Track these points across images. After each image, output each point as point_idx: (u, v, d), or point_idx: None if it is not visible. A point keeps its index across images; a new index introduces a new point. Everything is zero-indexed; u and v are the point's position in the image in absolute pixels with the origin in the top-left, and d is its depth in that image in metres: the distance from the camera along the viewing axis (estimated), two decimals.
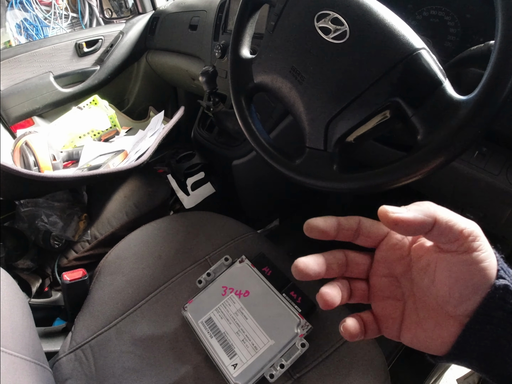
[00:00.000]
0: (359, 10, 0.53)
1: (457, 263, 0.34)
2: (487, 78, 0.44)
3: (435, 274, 0.36)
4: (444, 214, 0.34)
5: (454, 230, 0.34)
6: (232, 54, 0.73)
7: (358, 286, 0.42)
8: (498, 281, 0.33)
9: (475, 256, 0.33)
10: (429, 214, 0.34)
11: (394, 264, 0.41)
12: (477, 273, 0.33)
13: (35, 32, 3.54)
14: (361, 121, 0.54)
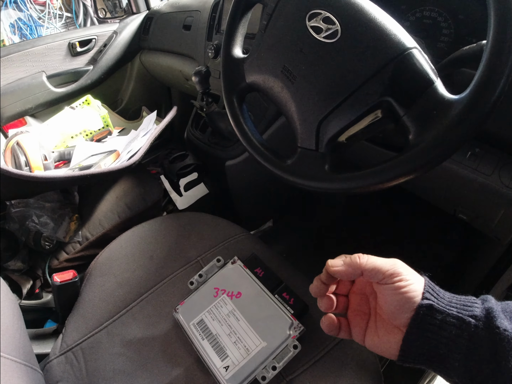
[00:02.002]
0: (351, 9, 0.53)
1: (388, 291, 0.47)
2: (478, 78, 0.44)
3: (379, 297, 0.50)
4: (369, 263, 0.49)
5: (379, 274, 0.48)
6: (224, 53, 0.72)
7: (340, 300, 0.55)
8: (423, 301, 0.45)
9: (398, 286, 0.46)
10: (356, 267, 0.49)
11: (365, 286, 0.54)
12: (403, 298, 0.46)
13: (29, 32, 3.53)
14: (352, 120, 0.53)
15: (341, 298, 0.55)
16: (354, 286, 0.56)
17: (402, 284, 0.46)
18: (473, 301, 0.46)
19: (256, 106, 1.11)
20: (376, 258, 0.50)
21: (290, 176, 0.61)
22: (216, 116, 1.18)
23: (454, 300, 0.46)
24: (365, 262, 0.49)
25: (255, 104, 1.11)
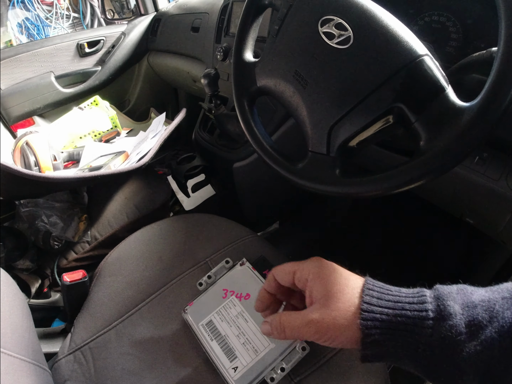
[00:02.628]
0: (363, 16, 0.54)
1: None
2: (490, 85, 0.44)
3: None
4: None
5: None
6: (235, 57, 0.73)
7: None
8: (362, 322, 0.43)
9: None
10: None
11: None
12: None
13: (36, 32, 3.54)
14: (364, 126, 0.54)
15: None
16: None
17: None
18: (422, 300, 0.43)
19: (264, 109, 1.12)
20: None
21: (301, 179, 0.61)
22: (225, 118, 1.19)
23: (399, 302, 0.44)
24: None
25: (263, 107, 1.12)
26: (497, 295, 0.40)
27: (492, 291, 0.41)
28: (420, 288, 0.45)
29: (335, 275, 0.49)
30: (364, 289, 0.46)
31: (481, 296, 0.41)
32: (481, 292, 0.41)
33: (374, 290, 0.46)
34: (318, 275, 0.50)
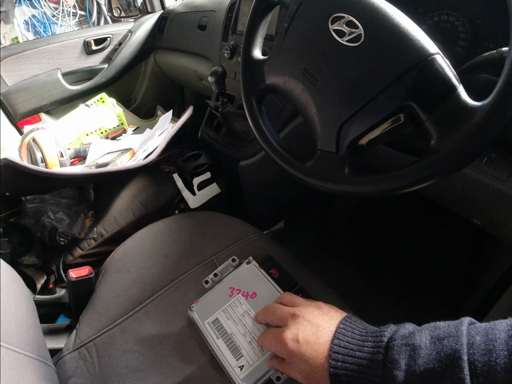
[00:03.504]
0: (374, 14, 0.53)
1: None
2: (501, 85, 0.44)
3: None
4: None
5: None
6: (244, 55, 0.73)
7: None
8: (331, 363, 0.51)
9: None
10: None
11: None
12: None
13: (43, 29, 3.56)
14: (374, 124, 0.53)
15: None
16: None
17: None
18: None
19: (271, 107, 1.11)
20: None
21: (309, 178, 0.61)
22: (231, 116, 1.19)
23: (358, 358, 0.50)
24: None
25: (270, 105, 1.11)
26: (439, 363, 0.42)
27: (437, 355, 0.43)
28: (379, 345, 0.49)
29: (306, 345, 0.55)
30: (330, 353, 0.52)
31: (424, 364, 0.43)
32: (427, 356, 0.43)
33: (339, 352, 0.51)
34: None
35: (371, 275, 1.44)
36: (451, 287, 1.38)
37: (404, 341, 0.46)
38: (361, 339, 0.52)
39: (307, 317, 0.58)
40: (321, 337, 0.54)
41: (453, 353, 0.41)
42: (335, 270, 1.47)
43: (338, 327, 0.55)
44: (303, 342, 0.55)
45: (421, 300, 1.35)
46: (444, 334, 0.44)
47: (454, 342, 0.42)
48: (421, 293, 1.37)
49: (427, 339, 0.45)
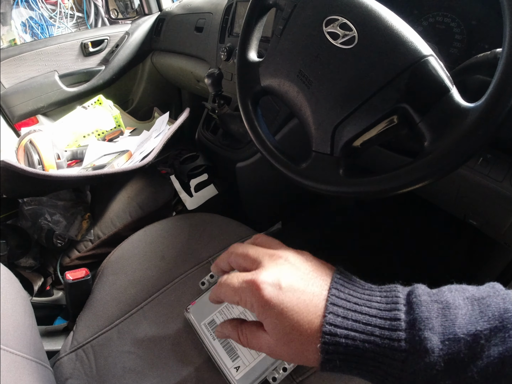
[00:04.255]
0: (368, 16, 0.54)
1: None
2: (494, 86, 0.44)
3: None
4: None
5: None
6: (239, 57, 0.73)
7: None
8: (323, 346, 0.37)
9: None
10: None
11: None
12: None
13: (40, 31, 3.55)
14: (368, 126, 0.54)
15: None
16: None
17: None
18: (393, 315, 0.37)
19: (267, 109, 1.12)
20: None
21: (304, 179, 0.61)
22: (228, 118, 1.19)
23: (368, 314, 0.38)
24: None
25: (266, 107, 1.12)
26: (486, 324, 0.34)
27: (481, 315, 0.34)
28: (394, 301, 0.38)
29: (292, 293, 0.41)
30: (327, 304, 0.39)
31: (466, 326, 0.34)
32: (467, 317, 0.35)
33: (339, 305, 0.39)
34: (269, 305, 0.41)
35: (367, 276, 1.43)
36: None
37: (433, 298, 0.37)
38: (366, 292, 0.41)
39: (292, 259, 0.45)
40: (311, 285, 0.42)
41: (502, 313, 0.33)
42: None
43: (334, 276, 0.43)
44: (287, 288, 0.41)
45: None
46: (482, 295, 0.36)
47: (500, 300, 0.35)
48: None
49: (460, 299, 0.36)
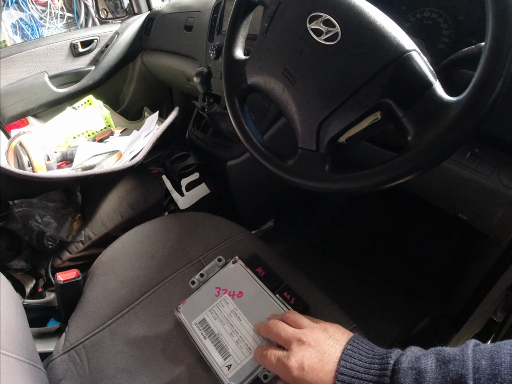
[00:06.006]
0: (351, 12, 0.54)
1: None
2: (476, 80, 0.44)
3: None
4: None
5: None
6: (225, 55, 0.73)
7: None
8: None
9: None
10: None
11: None
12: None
13: (31, 32, 3.53)
14: (352, 122, 0.54)
15: None
16: None
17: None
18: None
19: (257, 106, 1.12)
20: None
21: (291, 176, 0.61)
22: (218, 117, 1.19)
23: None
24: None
25: (256, 105, 1.12)
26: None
27: (443, 379, 0.43)
28: (385, 367, 0.49)
29: (311, 372, 0.54)
30: (336, 374, 0.51)
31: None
32: (433, 380, 0.43)
33: (346, 374, 0.51)
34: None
35: (359, 273, 1.44)
36: (441, 282, 1.38)
37: (410, 365, 0.46)
38: (368, 361, 0.52)
39: (313, 343, 0.57)
40: (326, 364, 0.54)
41: (459, 378, 0.41)
42: (324, 267, 1.48)
43: (345, 348, 0.55)
44: (308, 370, 0.54)
45: (411, 295, 1.36)
46: (450, 358, 0.44)
47: (460, 366, 0.42)
48: (412, 288, 1.38)
49: (433, 362, 0.45)
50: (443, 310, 1.30)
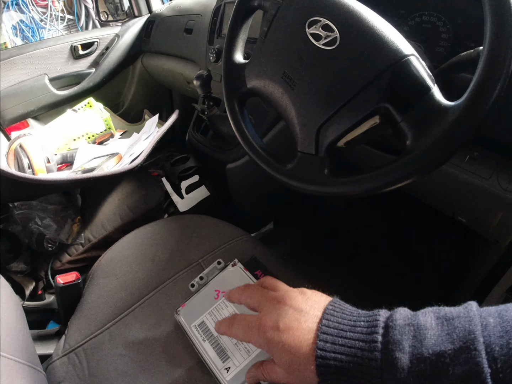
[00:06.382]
0: (350, 17, 0.54)
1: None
2: (474, 84, 0.44)
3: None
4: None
5: None
6: (225, 59, 0.73)
7: None
8: (317, 368, 0.44)
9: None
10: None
11: None
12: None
13: (31, 34, 3.55)
14: (351, 126, 0.54)
15: None
16: None
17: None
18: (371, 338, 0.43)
19: (256, 110, 1.12)
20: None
21: (290, 180, 0.62)
22: (217, 120, 1.19)
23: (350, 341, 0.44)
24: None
25: (255, 108, 1.12)
26: (451, 345, 0.37)
27: (448, 336, 0.38)
28: (374, 324, 0.44)
29: (288, 332, 0.49)
30: (318, 333, 0.46)
31: (432, 346, 0.38)
32: (435, 337, 0.39)
33: (328, 333, 0.46)
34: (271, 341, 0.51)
35: (359, 275, 1.44)
36: (440, 285, 1.39)
37: (406, 322, 0.41)
38: (353, 319, 0.46)
39: (289, 302, 0.53)
40: (304, 322, 0.48)
41: (466, 335, 0.37)
42: (324, 270, 1.48)
43: (326, 308, 0.49)
44: (284, 329, 0.49)
45: (410, 298, 1.36)
46: (453, 315, 0.40)
47: (467, 322, 0.38)
48: (410, 291, 1.38)
49: (433, 320, 0.40)
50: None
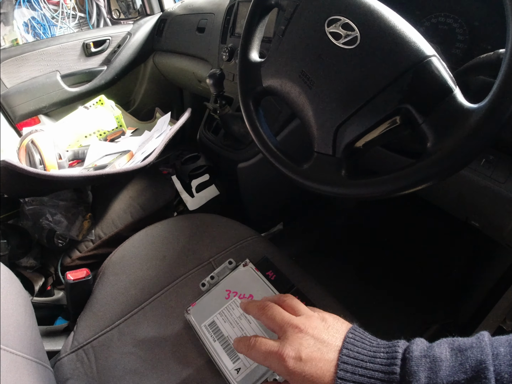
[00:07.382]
0: (370, 16, 0.53)
1: None
2: (498, 87, 0.44)
3: None
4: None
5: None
6: (241, 58, 0.73)
7: None
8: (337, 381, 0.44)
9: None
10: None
11: None
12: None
13: (42, 31, 3.56)
14: (370, 127, 0.53)
15: None
16: None
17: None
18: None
19: (269, 109, 1.12)
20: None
21: (306, 180, 0.61)
22: (230, 119, 1.19)
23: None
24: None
25: (268, 107, 1.12)
26: (463, 375, 0.39)
27: (461, 366, 0.40)
28: (394, 356, 0.45)
29: (310, 362, 0.48)
30: (338, 363, 0.46)
31: (447, 377, 0.39)
32: (449, 368, 0.40)
33: (348, 363, 0.46)
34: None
35: (369, 278, 1.43)
36: (451, 289, 1.38)
37: (423, 353, 0.43)
38: (372, 349, 0.47)
39: (311, 331, 0.52)
40: (326, 353, 0.48)
41: (478, 364, 0.38)
42: (334, 272, 1.47)
43: (346, 337, 0.50)
44: (307, 359, 0.48)
45: (420, 302, 1.35)
46: (466, 346, 0.41)
47: (479, 352, 0.39)
48: (421, 295, 1.37)
49: (447, 351, 0.42)
50: (452, 317, 1.29)
